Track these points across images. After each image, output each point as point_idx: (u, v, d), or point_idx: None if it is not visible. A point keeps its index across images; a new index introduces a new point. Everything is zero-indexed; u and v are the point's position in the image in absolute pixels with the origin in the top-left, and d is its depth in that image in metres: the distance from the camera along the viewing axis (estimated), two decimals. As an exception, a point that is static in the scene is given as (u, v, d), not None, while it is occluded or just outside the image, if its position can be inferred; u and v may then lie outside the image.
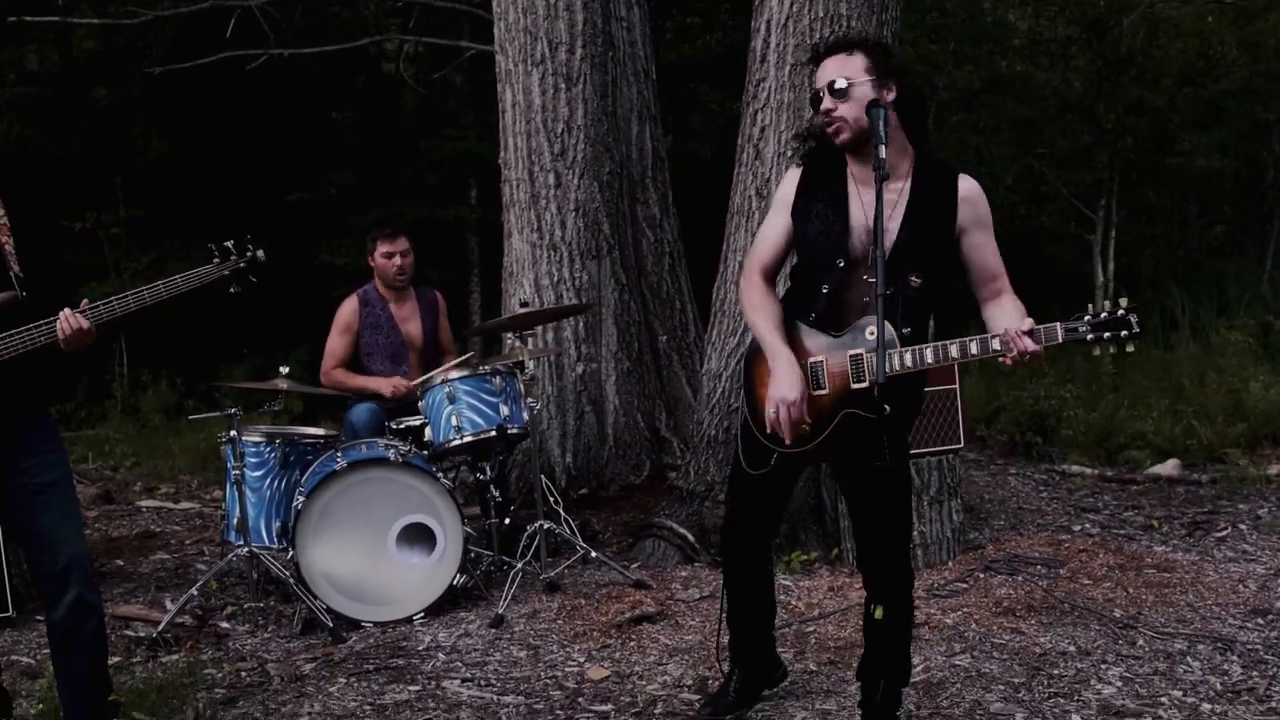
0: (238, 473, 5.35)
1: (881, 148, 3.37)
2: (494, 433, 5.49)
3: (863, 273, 3.48)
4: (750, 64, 6.06)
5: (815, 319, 3.56)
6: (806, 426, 3.51)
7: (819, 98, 3.52)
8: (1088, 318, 3.29)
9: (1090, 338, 3.29)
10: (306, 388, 6.21)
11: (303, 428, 6.07)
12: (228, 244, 4.06)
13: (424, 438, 5.61)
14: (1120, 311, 3.26)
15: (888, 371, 3.29)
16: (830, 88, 3.48)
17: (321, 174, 13.24)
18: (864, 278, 3.48)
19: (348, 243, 11.13)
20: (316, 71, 12.97)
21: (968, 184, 3.55)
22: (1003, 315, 3.46)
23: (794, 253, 3.74)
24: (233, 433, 5.36)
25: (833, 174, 3.61)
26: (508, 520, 5.81)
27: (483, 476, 5.76)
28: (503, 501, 5.77)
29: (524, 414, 5.59)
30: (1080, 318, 3.31)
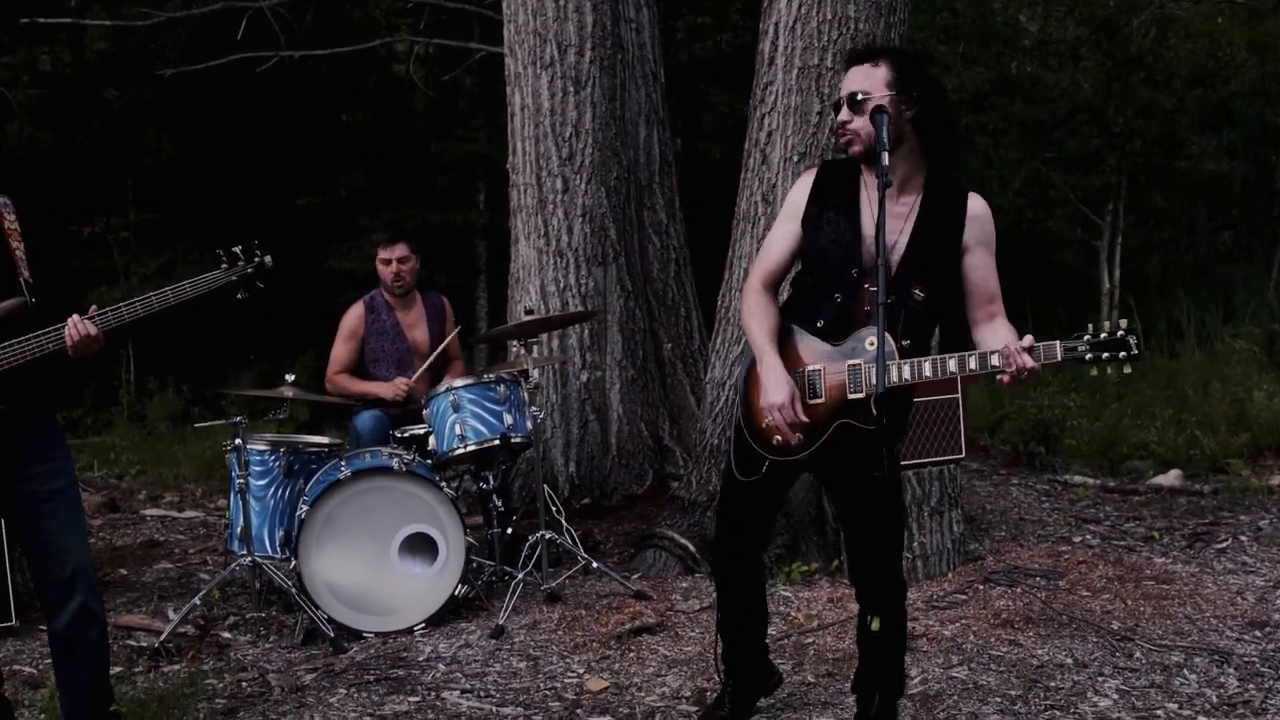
0: (242, 481, 5.38)
1: (884, 154, 3.37)
2: (497, 441, 5.52)
3: (868, 283, 3.49)
4: (758, 67, 6.05)
5: (823, 327, 3.56)
6: (806, 422, 3.52)
7: (839, 105, 3.53)
8: (1087, 337, 3.32)
9: (1089, 357, 3.31)
10: (312, 395, 6.25)
11: (307, 436, 6.10)
12: (235, 250, 4.07)
13: (428, 446, 5.64)
14: (1120, 332, 3.29)
15: (886, 383, 3.32)
16: (850, 99, 3.49)
17: (331, 176, 13.26)
18: (867, 288, 3.49)
19: (356, 247, 11.15)
20: (327, 73, 13.00)
21: (977, 203, 3.57)
22: (995, 338, 3.48)
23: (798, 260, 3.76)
24: (238, 441, 5.40)
25: (847, 182, 3.61)
26: (510, 530, 5.83)
27: (486, 486, 5.79)
28: (505, 511, 5.79)
29: (527, 423, 5.61)
30: (1080, 337, 3.33)
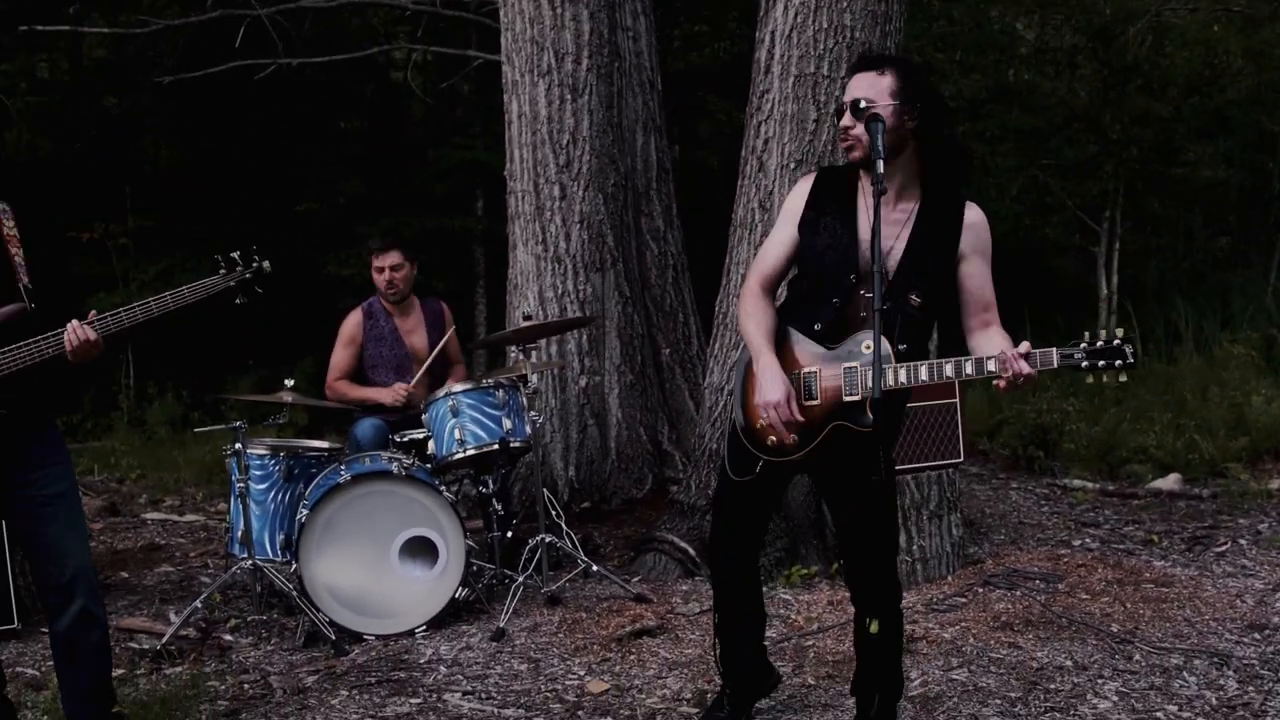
0: (242, 485, 5.39)
1: (880, 163, 3.40)
2: (496, 446, 5.52)
3: (865, 288, 3.51)
4: (754, 75, 6.07)
5: (820, 330, 3.58)
6: (801, 421, 3.54)
7: (842, 111, 3.56)
8: (1084, 345, 3.34)
9: (1085, 365, 3.33)
10: (311, 400, 6.25)
11: (307, 440, 6.10)
12: (234, 255, 4.07)
13: (427, 451, 5.65)
14: (1116, 341, 3.32)
15: (882, 388, 3.33)
16: (853, 105, 3.51)
17: (330, 183, 13.29)
18: (863, 293, 3.52)
19: (355, 253, 11.16)
20: (325, 81, 13.03)
21: (974, 212, 3.59)
22: (990, 346, 3.50)
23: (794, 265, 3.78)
24: (237, 445, 5.40)
25: (844, 188, 3.64)
26: (510, 534, 5.84)
27: (485, 490, 5.80)
28: (505, 515, 5.80)
29: (527, 427, 5.63)
30: (1077, 344, 3.36)
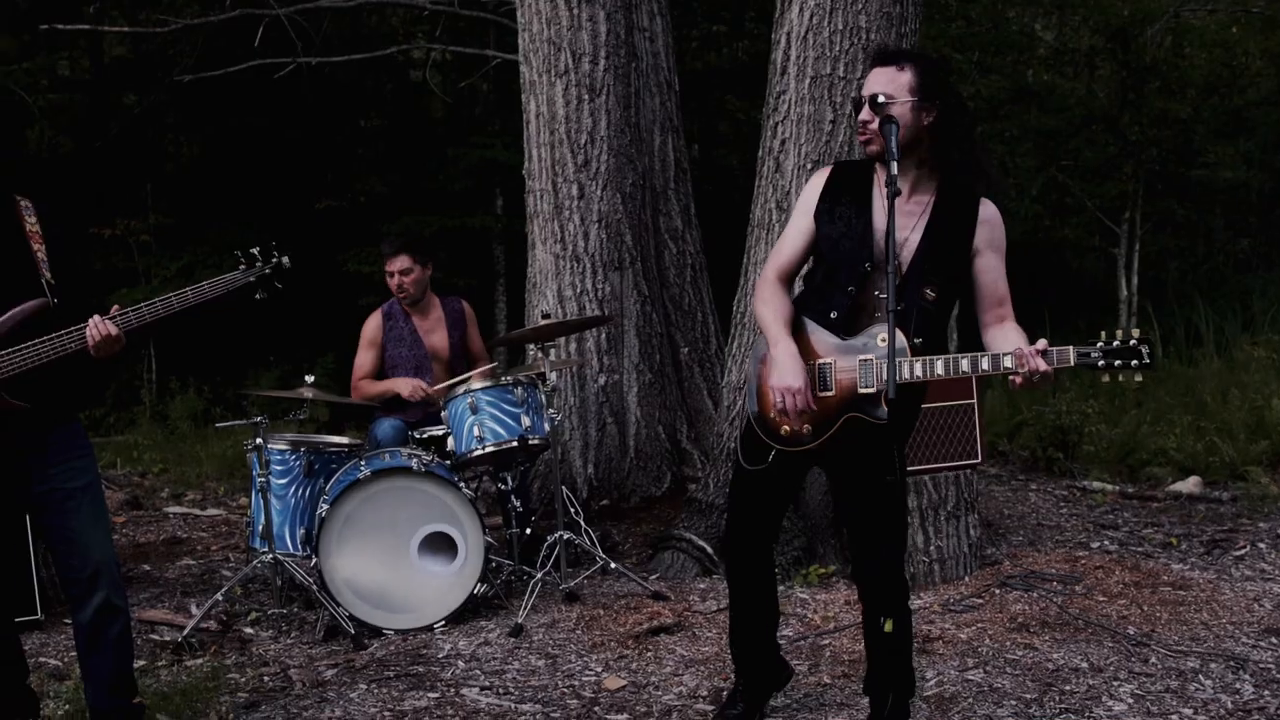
0: (263, 480, 5.42)
1: (894, 164, 3.42)
2: (515, 443, 5.54)
3: (881, 278, 3.52)
4: (770, 76, 6.09)
5: (836, 319, 3.60)
6: (813, 409, 3.55)
7: (860, 104, 3.57)
8: (1101, 344, 3.36)
9: (1102, 364, 3.35)
10: (331, 396, 6.29)
11: (328, 436, 6.15)
12: (253, 251, 4.10)
13: (446, 447, 5.68)
14: (1133, 341, 3.33)
15: (897, 380, 3.35)
16: (872, 100, 3.52)
17: (349, 181, 13.34)
18: (878, 294, 3.53)
19: (374, 251, 11.16)
20: (344, 80, 13.08)
21: (989, 208, 3.61)
22: (1005, 341, 3.51)
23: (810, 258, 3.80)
24: (259, 440, 5.44)
25: (860, 180, 3.66)
26: (529, 530, 5.87)
27: (504, 486, 5.83)
28: (524, 512, 5.83)
29: (545, 425, 5.64)
30: (1094, 343, 3.37)
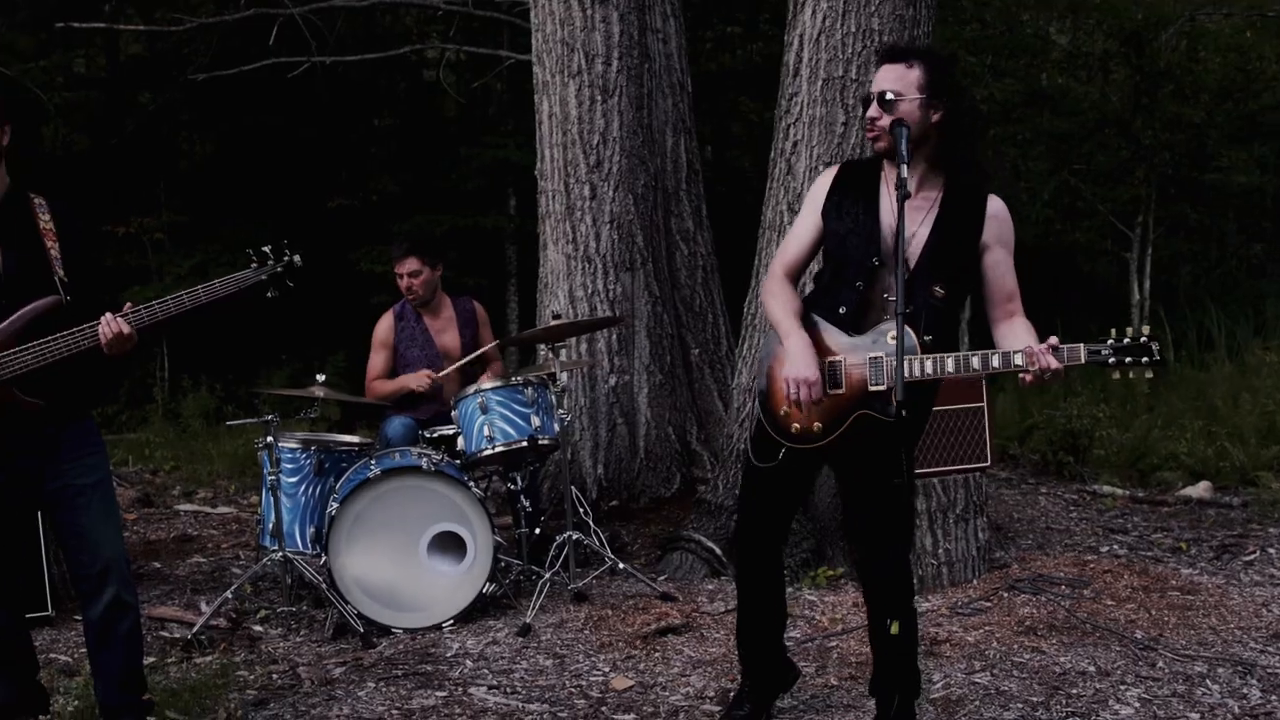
0: (273, 478, 5.44)
1: (904, 167, 3.42)
2: (525, 443, 5.56)
3: (889, 275, 3.53)
4: (783, 78, 6.10)
5: (845, 314, 3.61)
6: (823, 399, 3.56)
7: (868, 101, 3.57)
8: (1110, 341, 3.36)
9: (1112, 360, 3.36)
10: (343, 395, 6.31)
11: (338, 435, 6.17)
12: (265, 249, 4.11)
13: (456, 447, 5.70)
14: (1143, 338, 3.34)
15: (906, 378, 3.35)
16: (880, 97, 3.53)
17: (362, 180, 13.39)
18: (887, 296, 3.54)
19: (387, 250, 11.19)
20: (358, 79, 13.12)
21: (996, 204, 3.62)
22: (1015, 337, 3.52)
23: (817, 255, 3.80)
24: (269, 439, 5.45)
25: (868, 177, 3.67)
26: (538, 530, 5.89)
27: (514, 486, 5.84)
28: (533, 512, 5.85)
29: (555, 425, 5.65)
30: (1104, 340, 3.38)
